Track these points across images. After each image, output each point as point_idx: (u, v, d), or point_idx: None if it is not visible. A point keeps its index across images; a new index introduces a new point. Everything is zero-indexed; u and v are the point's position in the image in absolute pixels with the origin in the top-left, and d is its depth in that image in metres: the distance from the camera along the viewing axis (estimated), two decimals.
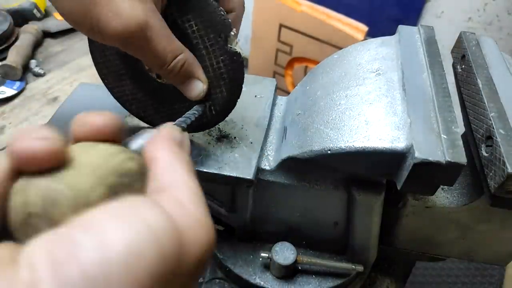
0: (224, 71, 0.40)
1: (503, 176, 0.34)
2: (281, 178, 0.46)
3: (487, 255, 0.51)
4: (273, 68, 1.69)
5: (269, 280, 0.50)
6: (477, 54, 0.46)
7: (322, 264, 0.50)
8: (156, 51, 0.34)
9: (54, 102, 1.02)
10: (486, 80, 0.42)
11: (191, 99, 0.40)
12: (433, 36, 0.49)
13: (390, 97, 0.41)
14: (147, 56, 0.35)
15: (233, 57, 0.39)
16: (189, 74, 0.38)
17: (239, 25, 0.43)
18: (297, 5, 1.45)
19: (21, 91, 1.02)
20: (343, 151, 0.39)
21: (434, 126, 0.37)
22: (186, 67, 0.37)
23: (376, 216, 0.46)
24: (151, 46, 0.34)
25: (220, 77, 0.40)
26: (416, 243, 0.52)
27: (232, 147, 0.47)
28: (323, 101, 0.45)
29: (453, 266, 1.39)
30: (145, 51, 0.34)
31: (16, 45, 1.06)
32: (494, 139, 0.36)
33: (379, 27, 1.41)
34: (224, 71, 0.40)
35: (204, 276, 0.56)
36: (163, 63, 0.36)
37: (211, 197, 0.50)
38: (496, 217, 0.46)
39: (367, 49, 0.48)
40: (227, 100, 0.42)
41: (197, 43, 0.39)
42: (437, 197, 0.46)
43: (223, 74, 0.40)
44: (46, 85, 1.06)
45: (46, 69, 1.08)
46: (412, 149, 0.35)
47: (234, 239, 0.54)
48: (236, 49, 0.39)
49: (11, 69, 1.00)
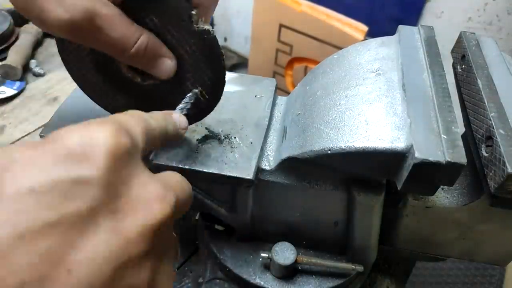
0: (199, 53, 0.39)
1: (503, 176, 0.34)
2: (281, 178, 0.46)
3: (487, 255, 0.51)
4: (273, 68, 1.69)
5: (269, 280, 0.50)
6: (477, 54, 0.46)
7: (322, 264, 0.50)
8: (112, 38, 0.34)
9: (54, 102, 1.02)
10: (486, 80, 0.42)
11: (163, 78, 0.40)
12: (433, 36, 0.49)
13: (390, 97, 0.41)
14: (104, 45, 0.35)
15: (203, 36, 0.38)
16: (155, 55, 0.38)
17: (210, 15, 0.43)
18: (297, 5, 1.45)
19: (21, 91, 1.02)
20: (343, 151, 0.39)
21: (434, 126, 0.37)
22: (150, 48, 0.37)
23: (376, 216, 0.46)
24: (105, 34, 0.34)
25: (199, 60, 0.40)
26: (416, 243, 0.52)
27: (232, 147, 0.47)
28: (323, 101, 0.45)
29: (453, 266, 1.39)
30: (100, 40, 0.34)
31: (16, 45, 1.06)
32: (494, 139, 0.36)
33: (379, 27, 1.41)
34: (200, 53, 0.39)
35: (204, 276, 0.56)
36: (124, 49, 0.36)
37: (211, 197, 0.50)
38: (496, 217, 0.46)
39: (367, 49, 0.48)
40: (214, 79, 0.42)
41: (164, 34, 0.38)
42: (437, 197, 0.46)
43: (200, 56, 0.40)
44: (46, 85, 1.06)
45: (46, 69, 1.08)
46: (412, 149, 0.35)
47: (234, 239, 0.54)
48: (203, 26, 0.38)
49: (11, 69, 1.00)
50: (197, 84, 0.42)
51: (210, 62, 0.40)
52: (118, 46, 0.35)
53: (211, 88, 0.42)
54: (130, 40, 0.35)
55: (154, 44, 0.38)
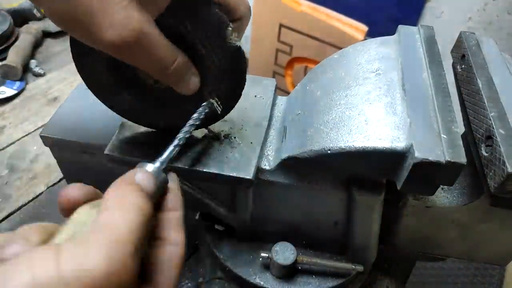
0: (226, 67, 0.40)
1: (503, 176, 0.34)
2: (281, 178, 0.46)
3: (487, 255, 0.51)
4: (273, 68, 1.69)
5: (269, 280, 0.50)
6: (477, 54, 0.46)
7: (322, 264, 0.50)
8: (156, 57, 0.35)
9: (54, 102, 1.02)
10: (486, 80, 0.42)
11: (186, 94, 0.40)
12: (433, 36, 0.49)
13: (390, 97, 0.41)
14: (147, 64, 0.36)
15: (234, 52, 0.39)
16: (185, 73, 0.39)
17: (244, 30, 0.43)
18: (297, 5, 1.45)
19: (21, 91, 1.02)
20: (343, 151, 0.39)
21: (434, 126, 0.37)
22: (183, 68, 0.38)
23: (376, 216, 0.46)
24: (149, 53, 0.34)
25: (223, 72, 0.40)
26: (416, 243, 0.52)
27: (232, 147, 0.47)
28: (323, 101, 0.45)
29: (453, 266, 1.39)
30: (143, 59, 0.35)
31: (16, 45, 1.06)
32: (494, 139, 0.36)
33: (379, 27, 1.41)
34: (227, 67, 0.40)
35: (204, 276, 0.56)
36: (164, 68, 0.36)
37: (211, 197, 0.50)
38: (496, 217, 0.46)
39: (367, 49, 0.48)
40: (232, 93, 0.42)
41: (195, 44, 0.39)
42: (437, 197, 0.46)
43: (226, 70, 0.40)
44: (46, 85, 1.06)
45: (46, 69, 1.08)
46: (412, 149, 0.35)
47: (234, 239, 0.54)
48: (235, 43, 0.38)
49: (11, 69, 1.00)
50: (214, 94, 0.42)
51: (233, 76, 0.41)
52: (159, 66, 0.36)
53: (228, 98, 0.42)
54: (170, 60, 0.36)
55: (187, 63, 0.38)
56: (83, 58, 0.42)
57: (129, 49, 0.33)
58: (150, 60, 0.35)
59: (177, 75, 0.38)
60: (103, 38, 0.32)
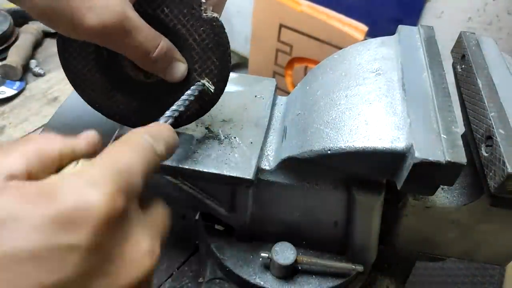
0: (208, 41, 0.40)
1: (503, 176, 0.34)
2: (281, 178, 0.46)
3: (487, 255, 0.51)
4: (273, 68, 1.69)
5: (269, 280, 0.50)
6: (477, 54, 0.46)
7: (322, 264, 0.50)
8: (138, 42, 0.35)
9: (54, 102, 1.02)
10: (486, 80, 0.42)
11: (175, 81, 0.41)
12: (433, 36, 0.49)
13: (390, 97, 0.41)
14: (130, 49, 0.35)
15: (212, 23, 0.39)
16: (171, 59, 0.39)
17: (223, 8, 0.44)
18: (297, 5, 1.45)
19: (21, 91, 1.02)
20: (343, 151, 0.39)
21: (434, 126, 0.37)
22: (167, 52, 0.38)
23: (376, 216, 0.46)
24: (132, 38, 0.34)
25: (207, 48, 0.41)
26: (416, 243, 0.52)
27: (232, 147, 0.47)
28: (323, 101, 0.45)
29: (453, 266, 1.39)
30: (126, 44, 0.35)
31: (16, 45, 1.06)
32: (494, 139, 0.36)
33: (379, 27, 1.41)
34: (209, 41, 0.40)
35: (204, 276, 0.56)
36: (147, 53, 0.36)
37: (211, 197, 0.50)
38: (496, 217, 0.46)
39: (367, 49, 0.48)
40: (221, 68, 0.42)
41: (174, 25, 0.39)
42: (437, 197, 0.46)
43: (209, 44, 0.40)
44: (46, 85, 1.06)
45: (46, 69, 1.08)
46: (412, 149, 0.35)
47: (234, 239, 0.54)
48: (212, 14, 0.39)
49: (11, 69, 1.00)
50: (203, 74, 0.42)
51: (217, 50, 0.41)
52: (142, 50, 0.36)
53: (217, 77, 0.43)
54: (153, 43, 0.36)
55: (171, 48, 0.38)
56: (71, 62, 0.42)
57: (111, 34, 0.33)
58: (133, 45, 0.35)
59: (163, 60, 0.38)
60: (84, 24, 0.32)
